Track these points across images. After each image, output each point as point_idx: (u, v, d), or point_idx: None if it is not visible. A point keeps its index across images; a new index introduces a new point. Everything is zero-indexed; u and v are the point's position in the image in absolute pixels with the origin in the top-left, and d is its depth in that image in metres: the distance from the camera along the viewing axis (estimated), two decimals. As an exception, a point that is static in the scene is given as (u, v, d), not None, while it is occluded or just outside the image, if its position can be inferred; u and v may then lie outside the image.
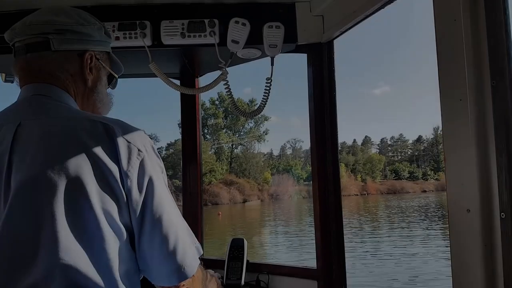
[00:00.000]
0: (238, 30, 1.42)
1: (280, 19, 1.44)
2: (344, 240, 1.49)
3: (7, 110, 0.85)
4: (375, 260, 11.05)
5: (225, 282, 1.54)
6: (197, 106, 1.77)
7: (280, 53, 1.46)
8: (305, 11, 1.48)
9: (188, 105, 1.77)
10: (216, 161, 44.72)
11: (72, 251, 0.70)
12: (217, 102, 50.13)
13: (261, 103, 1.47)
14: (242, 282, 1.54)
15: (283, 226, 21.60)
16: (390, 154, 64.87)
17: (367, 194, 47.37)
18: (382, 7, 1.27)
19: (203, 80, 1.80)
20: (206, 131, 49.76)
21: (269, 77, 1.47)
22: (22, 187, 0.71)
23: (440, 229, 17.23)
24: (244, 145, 50.25)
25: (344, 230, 1.49)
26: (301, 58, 1.52)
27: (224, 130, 49.38)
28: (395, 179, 55.06)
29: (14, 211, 0.71)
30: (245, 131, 50.35)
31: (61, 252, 0.69)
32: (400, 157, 65.08)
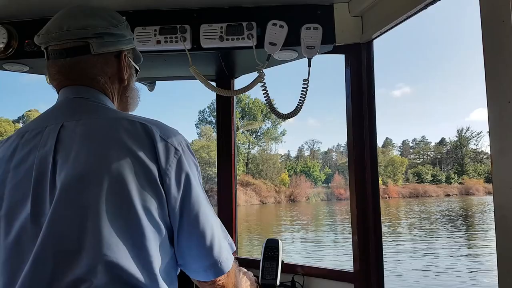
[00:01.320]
0: (276, 32, 1.43)
1: (318, 20, 1.45)
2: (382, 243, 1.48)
3: (48, 112, 0.89)
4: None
5: (260, 282, 1.55)
6: (232, 108, 1.80)
7: (318, 54, 1.47)
8: (344, 12, 1.48)
9: (224, 106, 1.80)
10: (233, 161, 44.71)
11: (115, 247, 0.72)
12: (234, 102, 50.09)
13: (298, 104, 1.47)
14: (278, 283, 1.54)
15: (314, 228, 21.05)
16: (412, 156, 63.43)
17: (389, 197, 46.15)
18: (425, 7, 1.26)
19: (238, 82, 1.82)
20: (223, 132, 49.81)
21: (306, 78, 1.47)
22: (67, 186, 0.74)
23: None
24: (261, 146, 50.12)
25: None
26: (321, 60, 1.53)
27: (241, 131, 49.34)
28: (418, 182, 53.77)
29: (60, 209, 0.73)
30: (262, 131, 50.19)
31: (104, 248, 0.71)
32: (422, 159, 63.58)
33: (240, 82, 1.82)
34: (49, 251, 0.71)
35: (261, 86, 1.47)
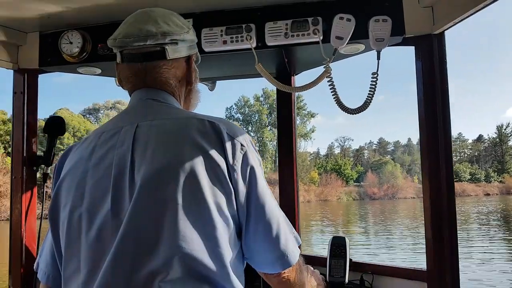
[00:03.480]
0: (343, 26, 1.41)
1: (386, 12, 1.41)
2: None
3: (123, 113, 0.92)
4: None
5: (328, 280, 1.53)
6: (292, 105, 1.79)
7: (386, 46, 1.43)
8: (413, 3, 1.43)
9: (284, 104, 1.80)
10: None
11: (190, 240, 0.74)
12: (261, 99, 49.64)
13: (367, 98, 1.44)
14: (346, 281, 1.52)
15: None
16: (448, 154, 60.69)
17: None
18: (506, -7, 1.19)
19: (298, 79, 1.82)
20: (250, 128, 49.79)
21: (375, 71, 1.44)
22: (146, 182, 0.76)
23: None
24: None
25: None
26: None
27: (269, 128, 48.98)
28: (455, 181, 51.37)
29: (140, 204, 0.75)
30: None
31: (180, 241, 0.73)
32: (459, 157, 60.91)
33: (300, 78, 1.81)
34: (129, 244, 0.74)
35: (328, 81, 1.46)
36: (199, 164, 0.77)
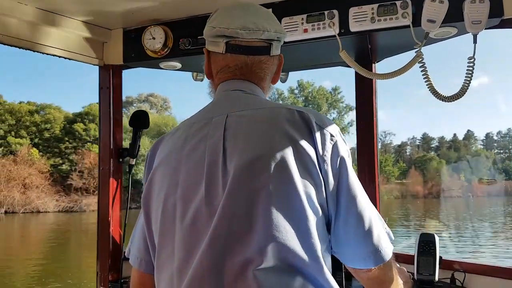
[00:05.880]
0: (435, 8, 1.33)
1: None
2: None
3: (212, 104, 0.93)
4: None
5: (416, 277, 1.47)
6: (373, 94, 1.73)
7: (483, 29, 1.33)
8: (514, -19, 1.32)
9: (365, 94, 1.73)
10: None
11: (283, 229, 0.73)
12: (296, 91, 48.77)
13: (463, 85, 1.35)
14: (436, 278, 1.45)
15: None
16: (496, 151, 56.91)
17: (472, 196, 41.67)
18: None
19: (379, 67, 1.75)
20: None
21: (472, 56, 1.35)
22: (239, 171, 0.77)
23: None
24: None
25: None
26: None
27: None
28: (506, 180, 47.99)
29: (233, 192, 0.76)
30: (327, 122, 48.38)
31: (274, 230, 0.73)
32: (508, 154, 56.78)
33: (381, 66, 1.74)
34: (223, 231, 0.74)
35: (420, 67, 1.39)
36: (289, 154, 0.77)
